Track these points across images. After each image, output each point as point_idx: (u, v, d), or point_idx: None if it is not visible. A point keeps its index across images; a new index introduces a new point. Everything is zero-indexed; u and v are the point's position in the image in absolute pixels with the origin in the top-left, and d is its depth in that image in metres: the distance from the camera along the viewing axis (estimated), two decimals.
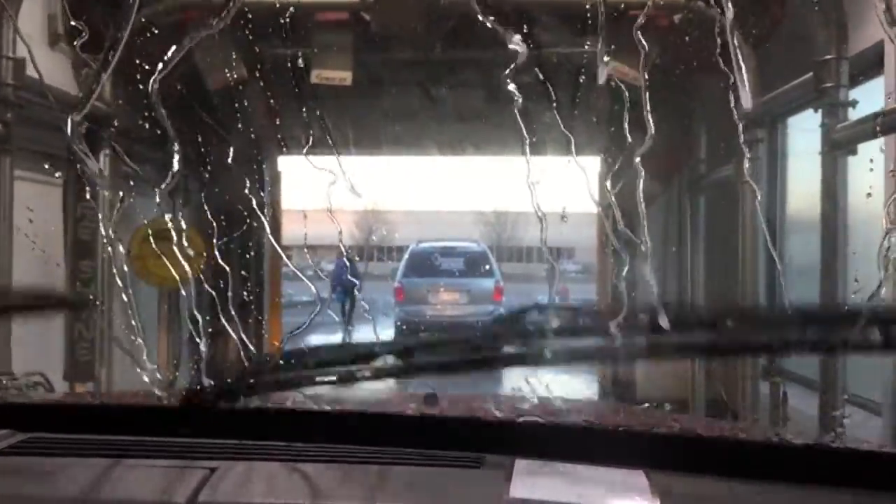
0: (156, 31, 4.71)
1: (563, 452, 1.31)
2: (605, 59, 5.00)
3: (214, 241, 6.43)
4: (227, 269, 6.36)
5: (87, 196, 4.35)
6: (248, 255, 6.93)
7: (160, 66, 4.56)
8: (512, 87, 5.12)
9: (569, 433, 1.37)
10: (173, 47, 4.41)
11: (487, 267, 16.27)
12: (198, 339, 5.89)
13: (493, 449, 1.34)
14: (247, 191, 6.82)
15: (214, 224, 6.57)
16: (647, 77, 4.71)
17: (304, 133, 6.53)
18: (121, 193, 4.63)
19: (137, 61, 4.73)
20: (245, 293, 6.80)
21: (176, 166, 5.17)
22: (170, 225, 5.27)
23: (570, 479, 1.26)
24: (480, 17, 4.79)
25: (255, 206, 7.06)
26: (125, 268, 5.32)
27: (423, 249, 16.67)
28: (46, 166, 4.41)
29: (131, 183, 5.28)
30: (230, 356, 5.76)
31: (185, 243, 5.17)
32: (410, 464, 1.33)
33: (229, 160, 5.87)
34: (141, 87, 4.76)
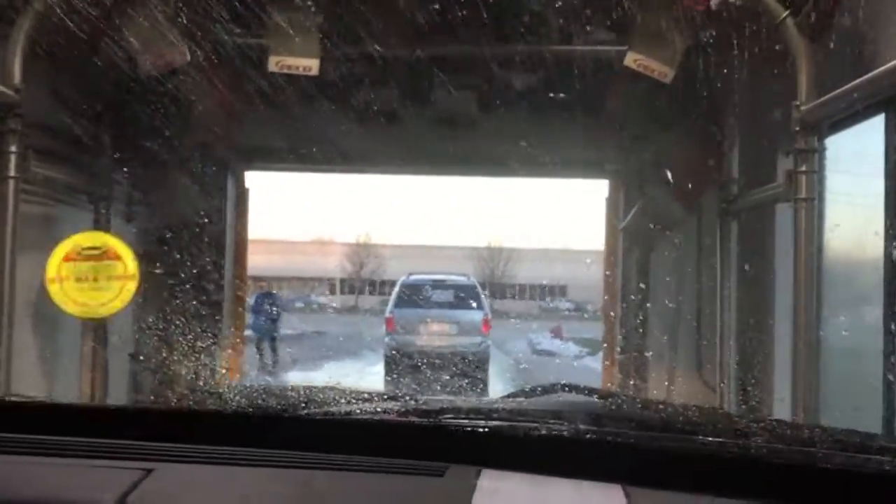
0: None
1: (534, 463, 1.23)
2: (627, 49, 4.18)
3: (160, 264, 5.57)
4: (175, 298, 5.44)
5: None
6: (203, 284, 5.99)
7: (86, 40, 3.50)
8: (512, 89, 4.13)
9: (540, 443, 1.28)
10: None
11: (476, 300, 16.68)
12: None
13: (457, 458, 1.25)
14: (203, 208, 5.96)
15: (159, 245, 5.70)
16: (675, 72, 3.80)
17: (271, 142, 5.68)
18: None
19: (58, 35, 3.85)
20: (194, 328, 5.87)
21: (105, 170, 4.20)
22: (98, 242, 4.34)
23: (540, 493, 1.18)
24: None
25: (213, 226, 6.20)
26: (30, 293, 4.44)
27: (414, 281, 16.96)
28: None
29: (49, 190, 4.40)
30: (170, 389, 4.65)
31: (117, 264, 4.21)
32: (365, 471, 1.24)
33: (176, 168, 4.99)
34: (62, 67, 3.79)
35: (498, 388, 14.27)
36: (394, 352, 14.91)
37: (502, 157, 6.36)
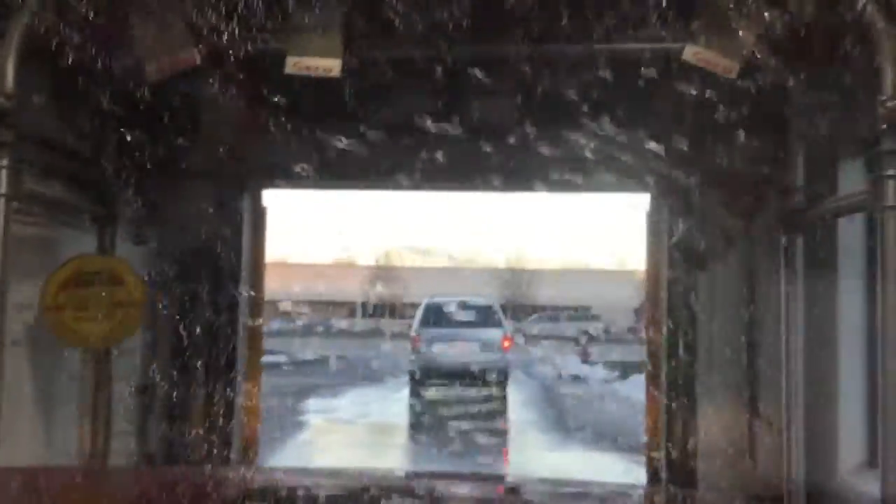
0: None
1: None
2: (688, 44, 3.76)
3: (170, 289, 5.18)
4: (188, 325, 5.04)
5: None
6: (218, 310, 5.58)
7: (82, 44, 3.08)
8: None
9: None
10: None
11: (496, 319, 18.15)
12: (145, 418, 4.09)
13: None
14: (217, 228, 5.58)
15: (170, 269, 5.31)
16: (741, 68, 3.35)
17: (289, 158, 5.28)
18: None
19: (56, 35, 3.48)
20: (209, 358, 5.45)
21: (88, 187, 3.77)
22: (100, 266, 3.94)
23: None
24: None
25: (228, 247, 5.80)
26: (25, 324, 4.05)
27: (437, 303, 18.34)
28: None
29: (47, 209, 4.02)
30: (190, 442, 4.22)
31: (120, 290, 3.80)
32: None
33: (187, 186, 4.61)
34: (61, 72, 3.38)
35: (528, 416, 13.80)
36: (419, 367, 16.33)
37: (534, 171, 5.94)
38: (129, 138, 4.38)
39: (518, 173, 5.98)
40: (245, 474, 1.66)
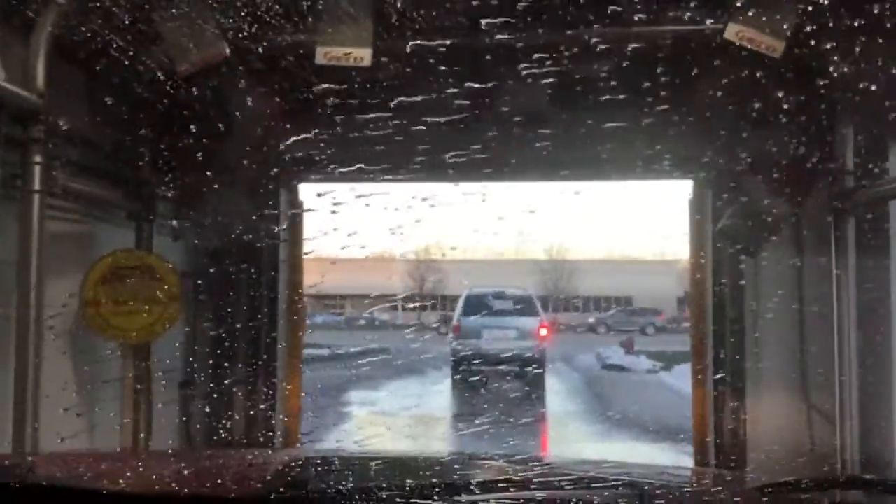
0: None
1: None
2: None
3: (209, 284, 5.18)
4: (226, 321, 5.03)
5: None
6: (257, 305, 5.58)
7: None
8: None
9: None
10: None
11: (533, 309, 18.93)
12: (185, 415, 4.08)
13: None
14: (253, 223, 5.57)
15: (207, 264, 5.31)
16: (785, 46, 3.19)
17: (325, 151, 5.24)
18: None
19: (85, 32, 3.46)
20: (249, 354, 5.45)
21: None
22: (137, 261, 3.92)
23: None
24: None
25: (266, 240, 5.79)
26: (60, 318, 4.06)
27: (477, 294, 19.39)
28: None
29: (83, 205, 4.03)
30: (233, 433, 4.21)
31: (159, 285, 3.79)
32: None
33: (224, 180, 4.59)
34: (91, 69, 3.36)
35: (569, 408, 13.69)
36: (460, 353, 17.24)
37: (573, 159, 5.82)
38: (164, 134, 4.38)
39: (556, 162, 5.87)
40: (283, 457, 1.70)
